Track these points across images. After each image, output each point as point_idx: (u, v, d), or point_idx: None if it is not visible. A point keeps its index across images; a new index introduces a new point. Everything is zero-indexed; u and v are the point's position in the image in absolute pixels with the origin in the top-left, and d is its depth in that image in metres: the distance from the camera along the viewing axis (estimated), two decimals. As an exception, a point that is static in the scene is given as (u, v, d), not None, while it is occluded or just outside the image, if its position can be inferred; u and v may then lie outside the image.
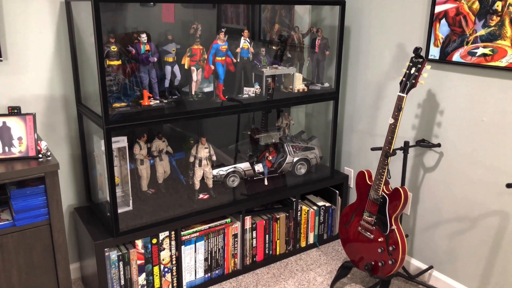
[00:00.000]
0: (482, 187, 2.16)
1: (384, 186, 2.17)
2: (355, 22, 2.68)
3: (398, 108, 2.10)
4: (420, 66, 2.07)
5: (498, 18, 1.95)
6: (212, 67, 2.29)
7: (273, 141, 2.70)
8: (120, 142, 2.16)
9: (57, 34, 2.17)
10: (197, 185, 2.41)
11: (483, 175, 2.15)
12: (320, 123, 3.09)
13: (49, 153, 1.86)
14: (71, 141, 2.33)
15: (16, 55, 2.09)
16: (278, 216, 2.62)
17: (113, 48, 2.06)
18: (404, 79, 2.11)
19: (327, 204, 2.81)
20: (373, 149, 2.30)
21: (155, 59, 2.15)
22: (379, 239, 2.21)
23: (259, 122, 2.77)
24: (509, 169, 2.03)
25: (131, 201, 2.26)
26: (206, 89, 2.52)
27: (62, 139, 2.31)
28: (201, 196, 2.43)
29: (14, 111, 1.86)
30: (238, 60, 2.41)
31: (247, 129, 2.82)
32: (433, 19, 2.21)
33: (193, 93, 2.32)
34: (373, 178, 2.23)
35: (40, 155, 1.84)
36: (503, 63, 1.96)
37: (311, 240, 2.82)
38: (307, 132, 3.12)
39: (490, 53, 2.00)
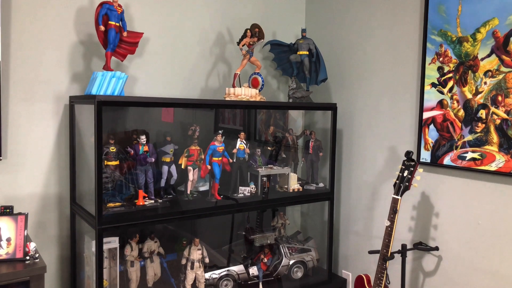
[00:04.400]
0: (486, 294, 2.07)
1: (384, 292, 2.08)
2: (347, 125, 2.79)
3: (394, 211, 2.10)
4: (412, 169, 2.11)
5: (483, 125, 2.05)
6: (209, 167, 2.32)
7: (268, 242, 2.64)
8: (111, 243, 2.11)
9: (58, 134, 2.23)
10: (189, 289, 2.30)
11: (485, 281, 2.07)
12: (316, 223, 3.05)
13: (37, 255, 1.79)
14: (61, 241, 2.27)
15: (15, 154, 2.12)
16: (273, 324, 2.47)
17: (112, 149, 2.10)
18: (397, 181, 2.14)
19: (325, 311, 2.66)
20: (370, 252, 2.25)
21: (153, 160, 2.19)
22: None
23: (254, 221, 2.73)
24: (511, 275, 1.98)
25: (118, 307, 2.14)
26: (202, 188, 2.53)
27: (52, 239, 2.25)
28: (192, 301, 2.31)
29: (7, 210, 1.84)
30: (234, 160, 2.45)
31: (241, 229, 2.77)
32: (422, 124, 2.31)
33: (188, 192, 2.33)
34: (372, 283, 2.15)
35: (28, 257, 1.78)
36: (492, 167, 2.01)
37: None
38: (303, 233, 3.07)
39: (479, 157, 2.06)
